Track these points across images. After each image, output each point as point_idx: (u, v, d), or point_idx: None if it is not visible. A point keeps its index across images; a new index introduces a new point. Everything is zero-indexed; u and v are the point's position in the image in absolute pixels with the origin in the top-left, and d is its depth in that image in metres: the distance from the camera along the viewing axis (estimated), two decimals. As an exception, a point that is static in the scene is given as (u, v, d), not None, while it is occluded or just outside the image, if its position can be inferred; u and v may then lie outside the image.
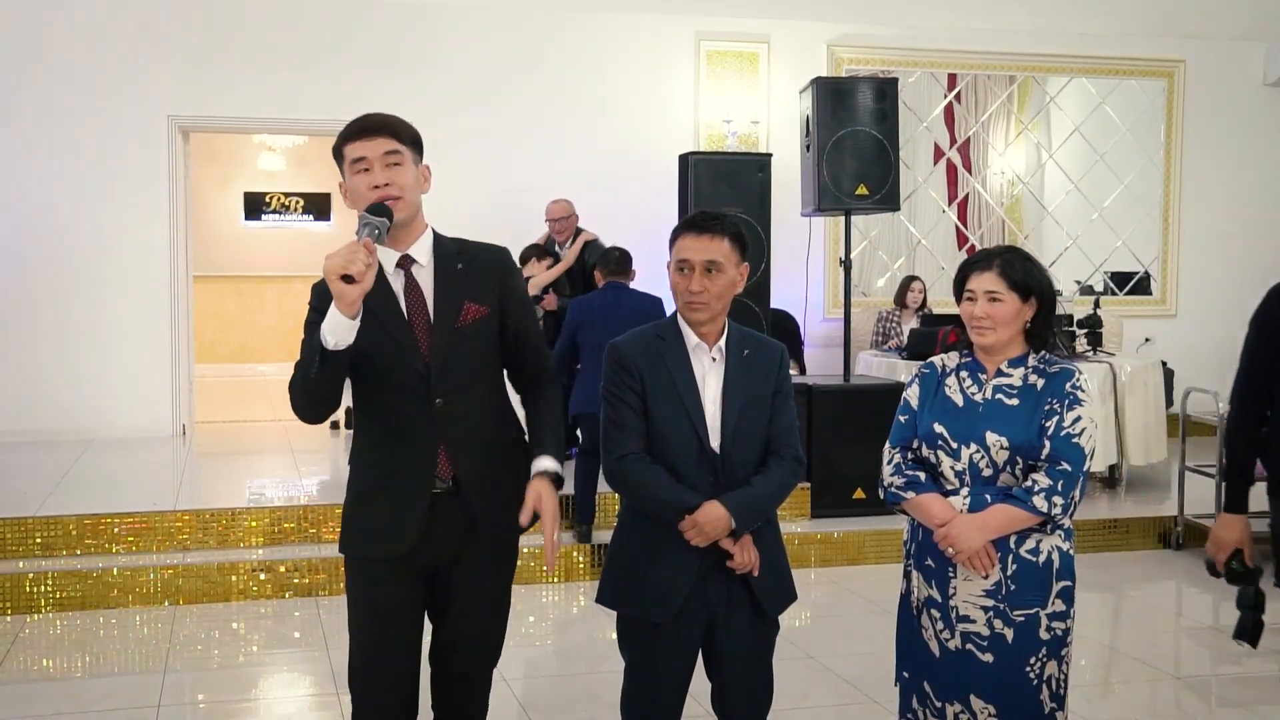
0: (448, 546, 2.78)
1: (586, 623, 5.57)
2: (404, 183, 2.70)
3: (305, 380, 2.65)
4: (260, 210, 14.20)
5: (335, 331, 2.56)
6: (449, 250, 2.83)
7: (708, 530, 2.88)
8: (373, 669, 2.80)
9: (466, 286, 2.79)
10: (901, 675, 3.14)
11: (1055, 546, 2.95)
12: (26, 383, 8.41)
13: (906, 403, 3.12)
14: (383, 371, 2.73)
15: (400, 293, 2.76)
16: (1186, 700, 4.74)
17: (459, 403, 2.76)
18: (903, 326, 8.94)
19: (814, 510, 6.78)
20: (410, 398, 2.74)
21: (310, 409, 2.72)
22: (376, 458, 2.80)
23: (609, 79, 9.25)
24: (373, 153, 2.69)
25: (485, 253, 2.88)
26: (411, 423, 2.74)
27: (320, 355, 2.57)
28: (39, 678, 4.91)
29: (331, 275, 2.49)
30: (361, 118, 2.76)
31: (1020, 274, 2.96)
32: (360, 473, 2.85)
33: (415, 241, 2.78)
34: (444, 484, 2.76)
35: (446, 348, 2.74)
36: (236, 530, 6.15)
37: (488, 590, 2.88)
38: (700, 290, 2.92)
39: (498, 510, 2.80)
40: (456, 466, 2.76)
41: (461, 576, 2.82)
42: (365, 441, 2.86)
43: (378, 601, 2.80)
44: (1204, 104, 10.32)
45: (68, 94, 8.44)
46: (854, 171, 7.07)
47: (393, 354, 2.72)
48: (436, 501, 2.75)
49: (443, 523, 2.76)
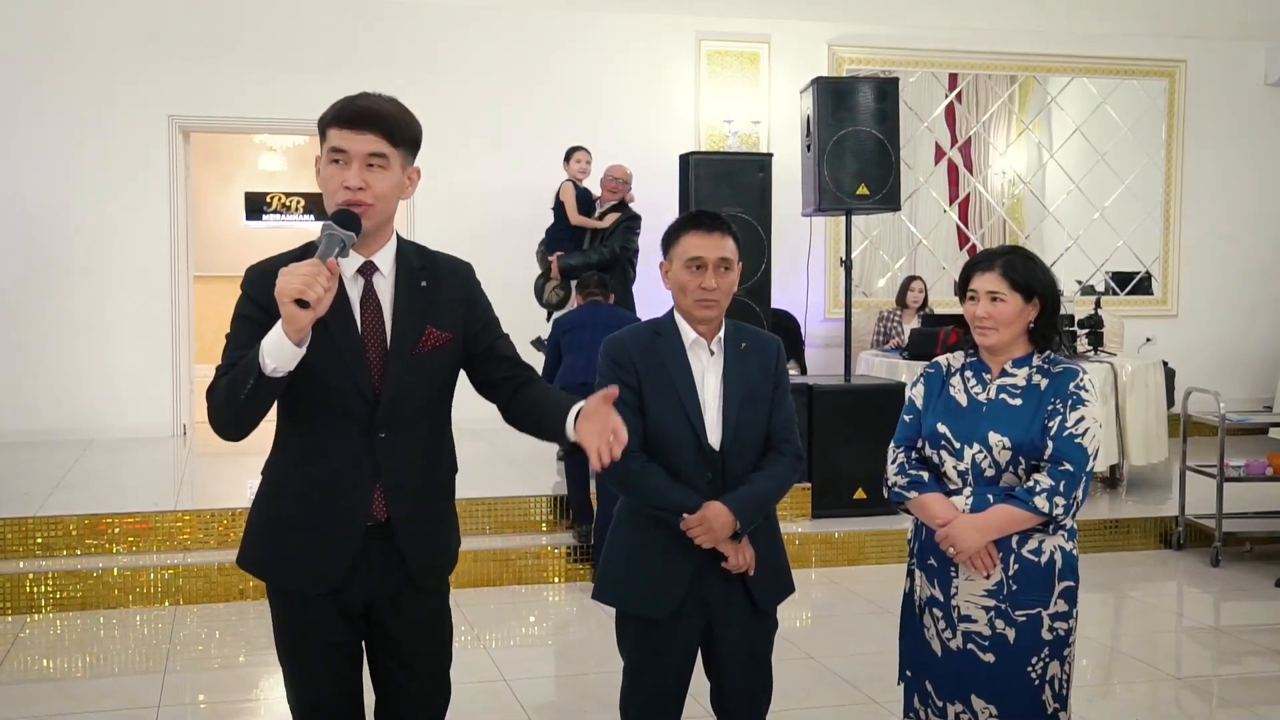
0: (379, 583, 2.53)
1: (586, 623, 5.56)
2: (381, 190, 2.40)
3: (232, 399, 2.32)
4: (261, 210, 14.18)
5: (277, 356, 2.25)
6: (412, 262, 2.53)
7: (715, 530, 2.88)
8: (313, 711, 2.60)
9: (428, 309, 2.50)
10: (904, 674, 3.14)
11: (1058, 547, 2.94)
12: (27, 383, 8.40)
13: (911, 402, 3.12)
14: (324, 389, 2.43)
15: (356, 302, 2.46)
16: (1187, 700, 4.73)
17: (403, 437, 2.49)
18: (904, 326, 8.94)
19: (814, 510, 6.77)
20: (350, 426, 2.45)
21: (231, 428, 2.39)
22: (301, 483, 2.49)
23: (609, 79, 9.25)
24: (355, 148, 2.38)
25: (450, 269, 2.59)
26: (347, 453, 2.46)
27: (256, 378, 2.26)
28: (39, 678, 4.90)
29: (284, 298, 2.19)
30: (357, 101, 2.43)
31: (1023, 274, 2.96)
32: (279, 494, 2.54)
33: (381, 248, 2.49)
34: (375, 519, 2.50)
35: (399, 377, 2.46)
36: (237, 530, 6.11)
37: (425, 635, 2.63)
38: (714, 287, 2.94)
39: (431, 551, 2.60)
40: (391, 506, 2.49)
41: (397, 618, 2.58)
42: (289, 459, 2.53)
43: (310, 640, 2.56)
44: (1205, 104, 10.32)
45: (68, 94, 8.44)
46: (855, 171, 7.07)
47: (338, 374, 2.42)
48: (368, 534, 2.50)
49: (373, 558, 2.51)
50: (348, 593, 2.51)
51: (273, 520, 2.56)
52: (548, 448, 7.35)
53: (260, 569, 2.59)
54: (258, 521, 2.59)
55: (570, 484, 6.22)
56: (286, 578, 2.55)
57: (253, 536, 2.60)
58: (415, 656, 2.62)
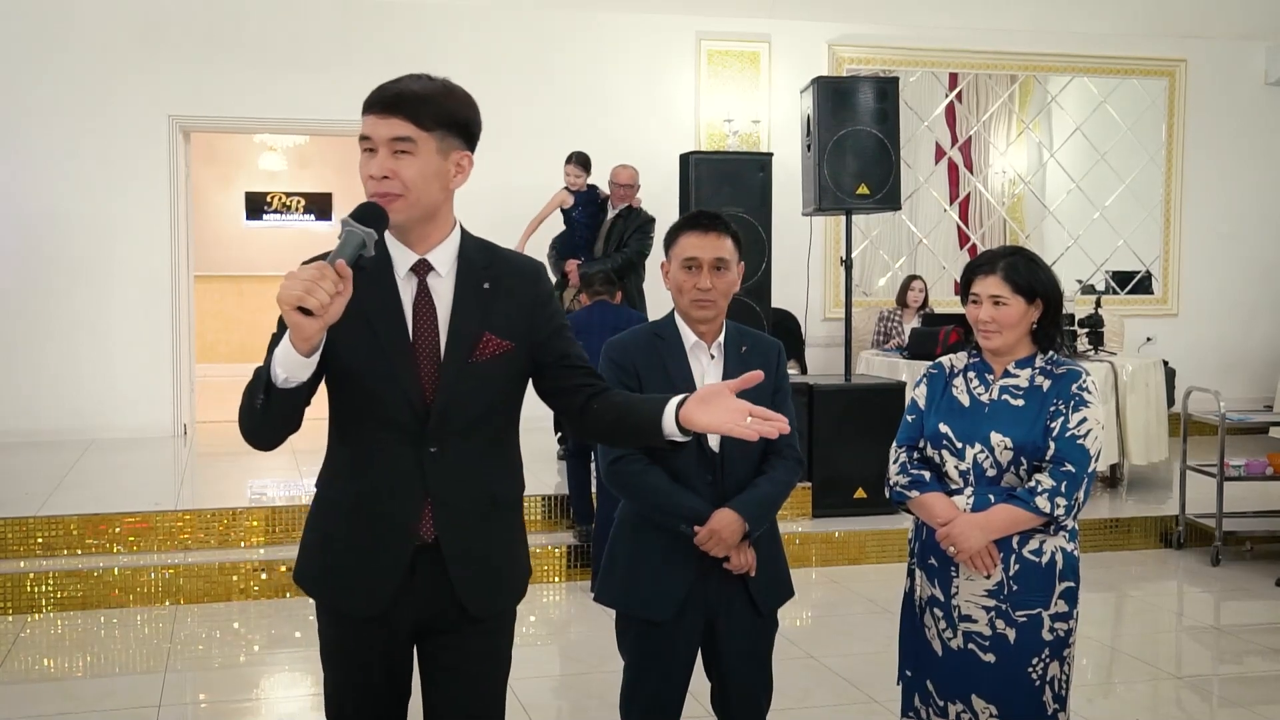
0: (428, 610, 2.34)
1: (587, 623, 5.57)
2: (410, 177, 2.19)
3: (249, 410, 2.17)
4: (261, 210, 14.18)
5: (287, 366, 2.08)
6: (474, 260, 2.33)
7: (726, 538, 2.89)
8: None
9: (489, 313, 2.30)
10: (904, 673, 3.14)
11: (1059, 547, 2.95)
12: (28, 382, 8.40)
13: (914, 402, 3.12)
14: (371, 400, 2.27)
15: (409, 306, 2.27)
16: (1188, 700, 4.73)
17: (458, 453, 2.29)
18: (904, 326, 8.94)
19: (815, 510, 6.77)
20: (400, 439, 2.27)
21: (255, 439, 2.25)
22: (350, 498, 2.33)
23: (610, 79, 9.25)
24: (378, 134, 2.20)
25: (516, 269, 2.38)
26: (397, 468, 2.28)
27: (266, 388, 2.11)
28: (40, 678, 4.90)
29: (285, 305, 1.99)
30: (389, 83, 2.24)
31: (1025, 277, 2.96)
32: (328, 509, 2.39)
33: (438, 244, 2.30)
34: (424, 540, 2.31)
35: (454, 387, 2.26)
36: (237, 530, 6.15)
37: (472, 676, 2.42)
38: (709, 287, 2.94)
39: (486, 578, 2.37)
40: (440, 526, 2.30)
41: (446, 643, 2.38)
42: (336, 473, 2.37)
43: (354, 664, 2.39)
44: (1205, 103, 10.32)
45: (69, 94, 8.44)
46: (855, 171, 7.06)
47: (387, 383, 2.25)
48: (416, 555, 2.31)
49: (421, 581, 2.32)
50: (394, 617, 2.33)
51: (322, 537, 2.40)
52: (546, 447, 7.35)
53: (311, 587, 2.42)
54: (309, 538, 2.44)
55: (571, 484, 6.21)
56: (335, 597, 2.38)
57: (306, 553, 2.44)
58: (462, 698, 2.41)
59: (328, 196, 14.20)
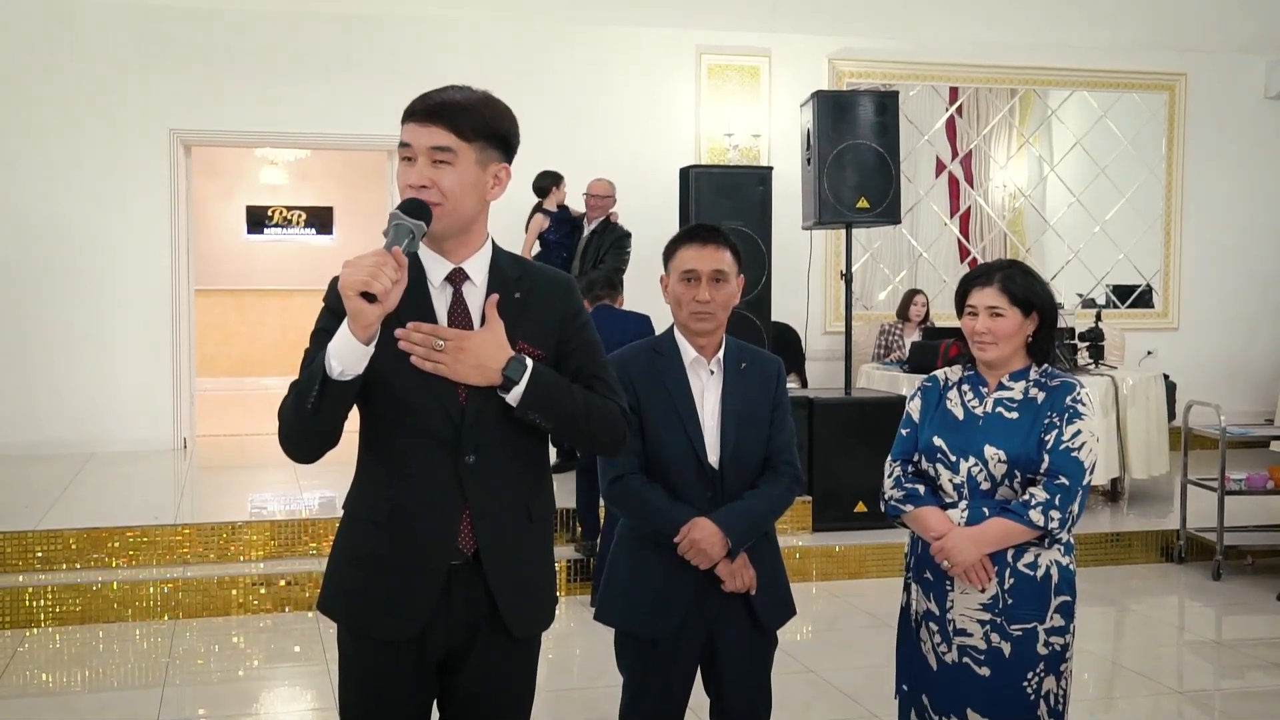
0: (462, 630, 2.30)
1: (587, 638, 5.55)
2: (449, 187, 2.21)
3: (299, 410, 2.15)
4: (262, 224, 14.20)
5: (343, 357, 2.10)
6: (507, 272, 2.35)
7: (707, 549, 2.87)
8: None
9: (521, 321, 2.29)
10: (901, 688, 3.13)
11: (1054, 561, 2.94)
12: (28, 396, 8.41)
13: (908, 416, 3.12)
14: (404, 409, 2.25)
15: (443, 312, 2.28)
16: (1189, 715, 4.71)
17: (493, 461, 2.27)
18: (904, 339, 8.94)
19: (815, 524, 6.76)
20: (435, 448, 2.25)
21: (303, 446, 2.22)
22: (382, 514, 2.28)
23: (610, 92, 9.26)
24: (419, 142, 2.22)
25: (549, 281, 2.40)
26: (433, 479, 2.25)
27: (321, 383, 2.11)
28: (38, 692, 4.90)
29: (349, 291, 2.04)
30: (431, 93, 2.27)
31: (1021, 289, 2.96)
32: (359, 527, 2.33)
33: (472, 255, 2.31)
34: (463, 556, 2.28)
35: (488, 393, 2.24)
36: (237, 544, 6.14)
37: (505, 688, 2.38)
38: (708, 300, 2.94)
39: (523, 594, 2.34)
40: (480, 537, 2.27)
41: (475, 669, 2.33)
42: (369, 489, 2.33)
43: (379, 694, 2.32)
44: (1205, 117, 10.33)
45: (70, 109, 8.46)
46: (855, 184, 7.07)
47: (420, 390, 2.23)
48: (453, 574, 2.28)
49: (457, 600, 2.28)
50: (427, 640, 2.29)
51: (353, 558, 2.34)
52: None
53: (338, 612, 2.35)
54: (338, 561, 2.38)
55: (580, 499, 6.17)
56: (360, 620, 2.32)
57: (332, 578, 2.39)
58: (492, 714, 2.38)
59: (329, 210, 14.22)
